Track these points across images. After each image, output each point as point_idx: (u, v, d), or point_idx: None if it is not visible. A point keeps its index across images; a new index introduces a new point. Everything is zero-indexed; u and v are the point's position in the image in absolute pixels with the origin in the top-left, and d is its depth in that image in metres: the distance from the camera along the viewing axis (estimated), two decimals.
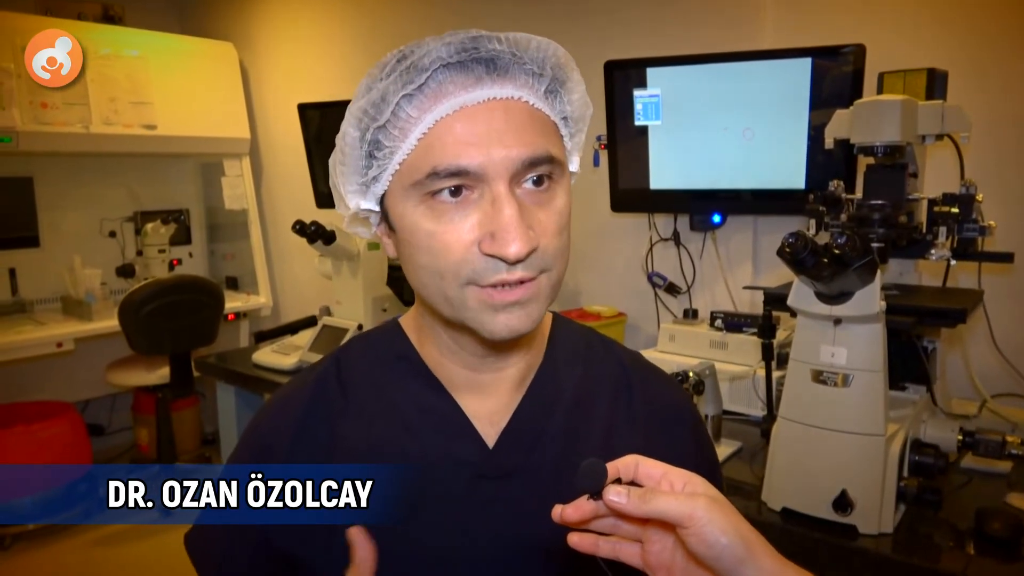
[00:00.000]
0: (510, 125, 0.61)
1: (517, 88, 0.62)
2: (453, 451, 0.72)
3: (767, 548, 0.52)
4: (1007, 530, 1.18)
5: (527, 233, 0.60)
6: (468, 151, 0.59)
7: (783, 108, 1.83)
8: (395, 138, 0.62)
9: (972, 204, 1.38)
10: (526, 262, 0.61)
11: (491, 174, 0.60)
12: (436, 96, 0.61)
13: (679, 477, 0.55)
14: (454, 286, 0.63)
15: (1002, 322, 1.63)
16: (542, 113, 0.64)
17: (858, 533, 1.21)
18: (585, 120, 0.71)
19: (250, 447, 0.77)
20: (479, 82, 0.61)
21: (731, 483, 1.47)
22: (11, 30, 2.90)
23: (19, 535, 3.06)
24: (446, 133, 0.60)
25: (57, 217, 3.53)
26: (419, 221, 0.62)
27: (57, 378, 3.51)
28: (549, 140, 0.63)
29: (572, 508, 0.55)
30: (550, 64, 0.65)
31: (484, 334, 0.65)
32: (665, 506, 0.51)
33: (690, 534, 0.51)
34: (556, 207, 0.64)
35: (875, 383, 1.20)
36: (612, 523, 0.56)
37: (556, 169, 0.64)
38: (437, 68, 0.60)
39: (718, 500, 0.53)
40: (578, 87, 0.68)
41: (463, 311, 0.64)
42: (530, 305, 0.64)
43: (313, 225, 2.26)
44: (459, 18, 2.68)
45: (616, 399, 0.79)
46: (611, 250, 2.42)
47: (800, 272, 1.17)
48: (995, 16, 1.70)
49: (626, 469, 0.56)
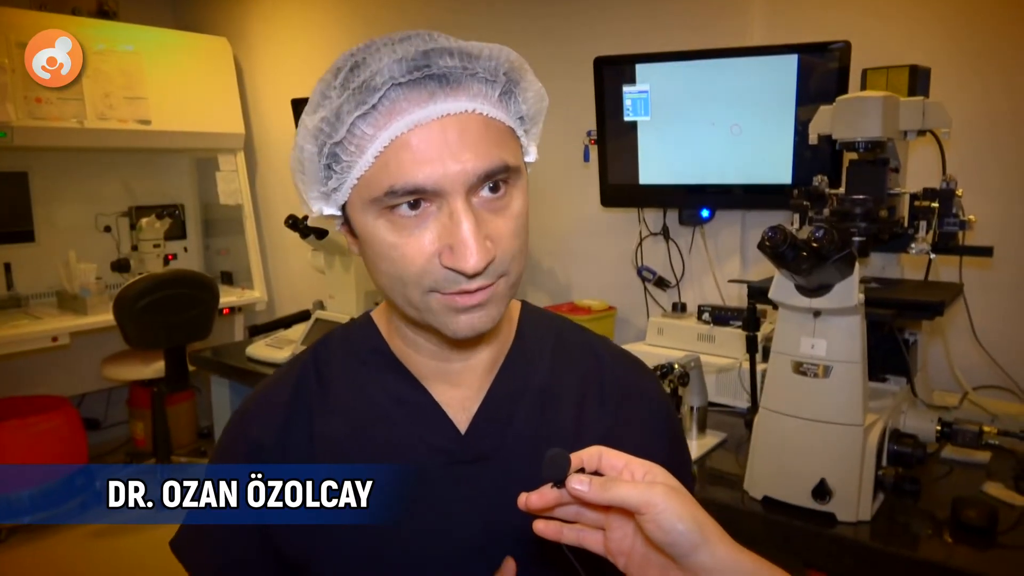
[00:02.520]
0: (464, 139, 0.61)
1: (471, 99, 0.62)
2: (427, 438, 0.74)
3: (722, 535, 0.55)
4: (982, 518, 1.20)
5: (483, 246, 0.61)
6: (424, 169, 0.60)
7: (770, 104, 1.85)
8: (352, 153, 0.63)
9: (952, 199, 1.40)
10: (485, 272, 0.63)
11: (447, 189, 0.61)
12: (390, 113, 0.61)
13: (640, 467, 0.57)
14: (417, 293, 0.65)
15: (982, 315, 1.66)
16: (496, 122, 0.65)
17: (836, 521, 1.23)
18: (541, 112, 0.71)
19: (244, 442, 0.77)
20: (432, 97, 0.61)
21: (716, 473, 1.49)
22: (6, 26, 2.90)
23: (15, 529, 3.08)
24: (402, 151, 0.61)
25: (52, 212, 3.55)
26: (380, 233, 0.64)
27: (53, 372, 3.53)
28: (504, 149, 0.64)
29: (536, 496, 0.57)
30: (503, 71, 0.65)
31: (448, 334, 0.67)
32: (625, 494, 0.53)
33: (647, 520, 0.53)
34: (512, 212, 0.66)
35: (854, 374, 1.23)
36: (576, 511, 0.59)
37: (512, 175, 0.65)
38: (390, 87, 0.61)
39: (676, 489, 0.55)
40: (532, 85, 0.69)
41: (427, 314, 0.66)
42: (489, 306, 0.66)
43: (305, 220, 2.27)
44: (449, 15, 2.69)
45: (586, 383, 0.81)
46: (601, 245, 2.45)
47: (780, 265, 1.19)
48: (980, 14, 1.72)
49: (590, 459, 0.58)
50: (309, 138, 0.64)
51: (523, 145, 0.71)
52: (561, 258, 2.57)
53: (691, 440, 1.60)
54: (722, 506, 1.35)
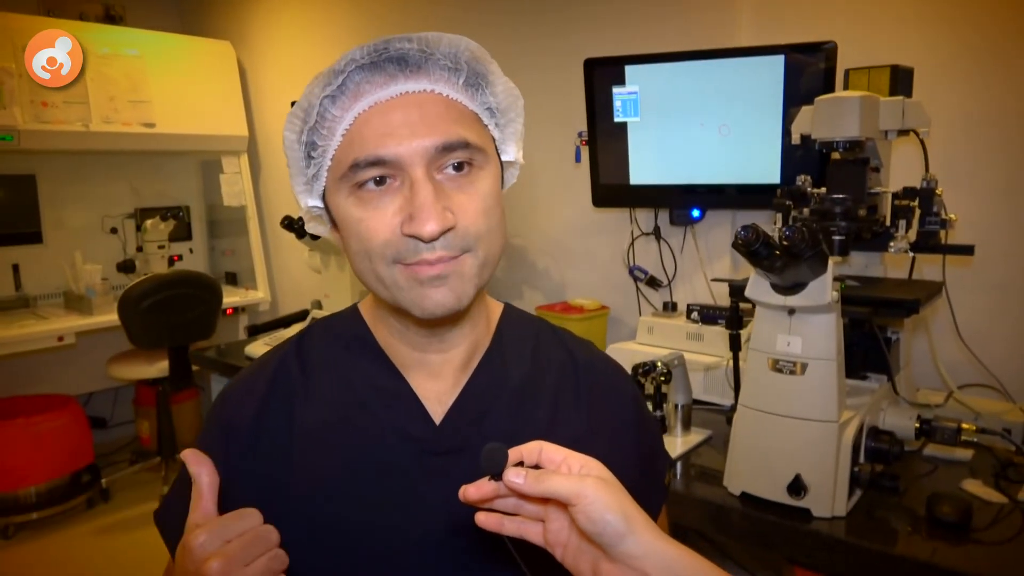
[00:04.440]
0: (424, 116, 0.66)
1: (432, 82, 0.67)
2: (403, 427, 0.76)
3: (649, 524, 0.56)
4: (956, 514, 1.21)
5: (443, 214, 0.64)
6: (385, 141, 0.65)
7: (758, 105, 1.87)
8: (325, 137, 0.68)
9: (932, 198, 1.42)
10: (444, 241, 0.66)
11: (408, 161, 0.65)
12: (355, 95, 0.67)
13: (577, 461, 0.59)
14: (382, 265, 0.68)
15: (965, 314, 1.66)
16: (460, 104, 0.69)
17: (812, 516, 1.25)
18: (516, 109, 0.75)
19: (217, 425, 0.80)
20: (392, 79, 0.66)
21: (700, 470, 1.51)
22: (12, 30, 2.96)
23: (22, 525, 3.13)
24: (364, 127, 0.66)
25: (60, 213, 3.60)
26: (349, 210, 0.68)
27: (59, 371, 3.59)
28: (466, 127, 0.68)
29: (474, 488, 0.59)
30: (464, 59, 0.69)
31: (416, 312, 0.69)
32: (557, 486, 0.55)
33: (578, 511, 0.55)
34: (478, 190, 0.68)
35: (829, 371, 1.24)
36: (515, 503, 0.61)
37: (477, 155, 0.68)
38: (353, 69, 0.66)
39: (608, 481, 0.57)
40: (500, 79, 0.73)
41: (396, 291, 0.69)
42: (453, 280, 0.68)
43: (300, 220, 2.30)
44: (448, 17, 2.72)
45: (561, 382, 0.83)
46: (594, 244, 2.46)
47: (755, 264, 1.21)
48: (965, 14, 1.73)
49: (530, 453, 0.60)
50: (289, 126, 0.70)
51: (496, 138, 0.74)
52: (555, 258, 2.59)
53: (676, 437, 1.61)
54: (703, 502, 1.37)
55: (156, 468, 3.52)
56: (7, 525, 3.08)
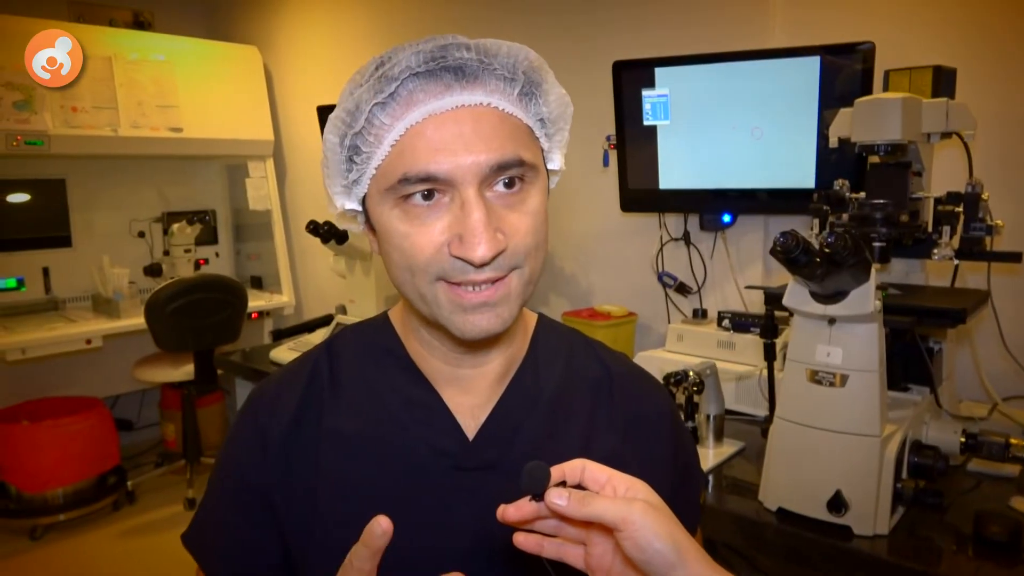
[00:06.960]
0: (479, 131, 0.62)
1: (487, 94, 0.64)
2: (435, 442, 0.74)
3: (700, 554, 0.53)
4: (1005, 534, 1.16)
5: (494, 237, 0.62)
6: (437, 157, 0.61)
7: (792, 107, 1.82)
8: (371, 144, 0.65)
9: (978, 203, 1.36)
10: (494, 263, 0.63)
11: (459, 179, 0.62)
12: (407, 104, 0.63)
13: (622, 482, 0.56)
14: (425, 282, 0.65)
15: (1013, 323, 1.60)
16: (514, 118, 0.66)
17: (852, 534, 1.20)
18: (566, 118, 0.72)
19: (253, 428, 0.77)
20: (448, 89, 0.63)
21: (733, 482, 1.46)
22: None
23: (50, 526, 3.16)
24: (416, 140, 0.62)
25: (89, 218, 3.64)
26: (394, 223, 0.65)
27: (86, 374, 3.62)
28: (520, 144, 0.65)
29: (513, 508, 0.56)
30: (521, 69, 0.66)
31: (456, 334, 0.67)
32: (602, 510, 0.53)
33: (625, 537, 0.52)
34: (528, 208, 0.66)
35: (871, 383, 1.19)
36: (555, 525, 0.58)
37: (528, 172, 0.65)
38: (407, 77, 0.62)
39: (656, 506, 0.54)
40: (554, 88, 0.69)
41: (436, 309, 0.66)
42: (500, 306, 0.66)
43: (326, 225, 2.30)
44: (473, 19, 2.70)
45: (596, 399, 0.80)
46: (622, 250, 2.42)
47: (794, 271, 1.17)
48: (1006, 14, 1.67)
49: (572, 472, 0.57)
50: (332, 128, 0.67)
51: (544, 149, 0.71)
52: (582, 263, 2.56)
53: (707, 449, 1.57)
54: (736, 516, 1.32)
55: (181, 471, 3.53)
56: (34, 526, 3.11)
